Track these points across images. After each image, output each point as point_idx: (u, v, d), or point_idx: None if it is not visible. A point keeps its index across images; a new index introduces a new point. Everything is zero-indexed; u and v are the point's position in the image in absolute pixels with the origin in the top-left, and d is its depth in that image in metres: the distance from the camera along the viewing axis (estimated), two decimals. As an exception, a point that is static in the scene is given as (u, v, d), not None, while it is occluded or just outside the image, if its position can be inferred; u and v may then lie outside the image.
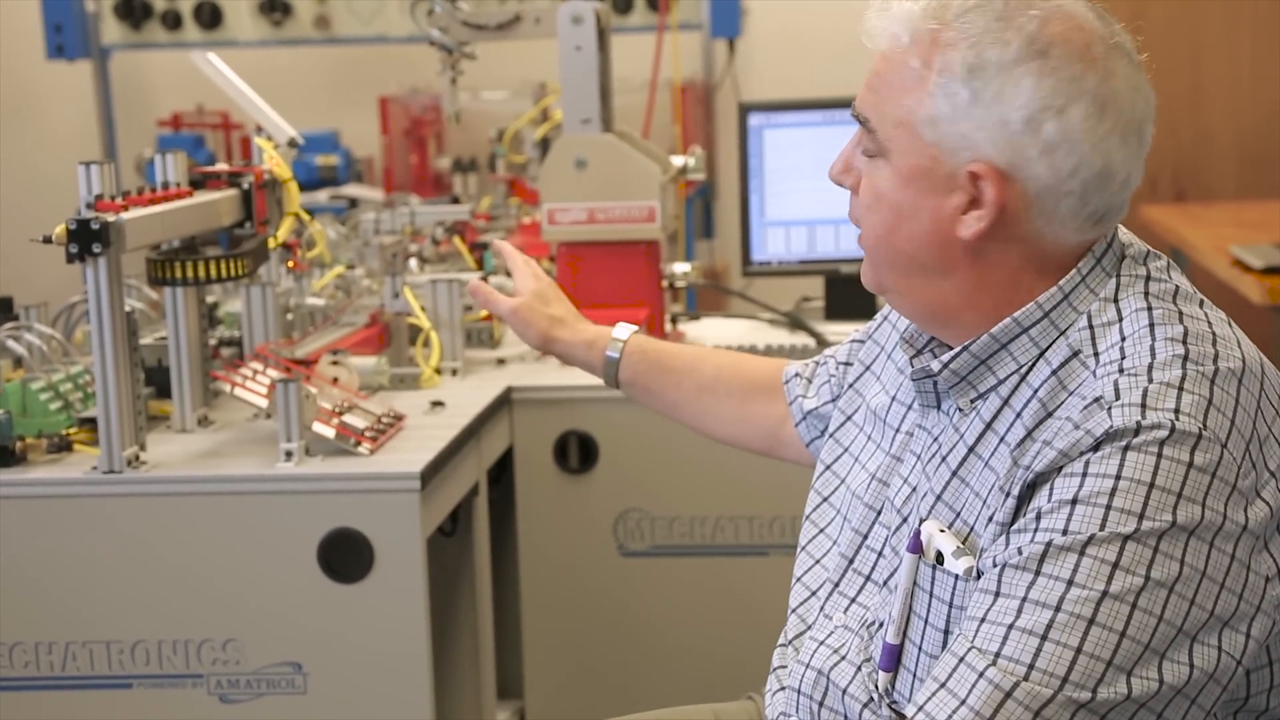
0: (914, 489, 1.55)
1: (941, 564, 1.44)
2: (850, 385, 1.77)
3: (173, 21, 4.55)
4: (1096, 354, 1.42)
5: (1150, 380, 1.36)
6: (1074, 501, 1.32)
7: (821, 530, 1.71)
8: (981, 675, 1.31)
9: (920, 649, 1.47)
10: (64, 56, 4.61)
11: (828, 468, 1.73)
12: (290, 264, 2.73)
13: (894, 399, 1.67)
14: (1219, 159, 5.07)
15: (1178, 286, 1.48)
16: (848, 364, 1.84)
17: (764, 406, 1.96)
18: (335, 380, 2.50)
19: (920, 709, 1.34)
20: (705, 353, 2.04)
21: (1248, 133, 5.05)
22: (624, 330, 2.02)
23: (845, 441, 1.73)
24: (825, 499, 1.72)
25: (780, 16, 4.93)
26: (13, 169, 5.06)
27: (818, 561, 1.69)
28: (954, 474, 1.48)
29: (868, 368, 1.76)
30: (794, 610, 1.67)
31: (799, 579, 1.69)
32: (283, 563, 2.21)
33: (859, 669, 1.54)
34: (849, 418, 1.75)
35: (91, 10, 4.58)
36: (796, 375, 1.93)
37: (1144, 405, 1.34)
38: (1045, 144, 1.41)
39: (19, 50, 4.93)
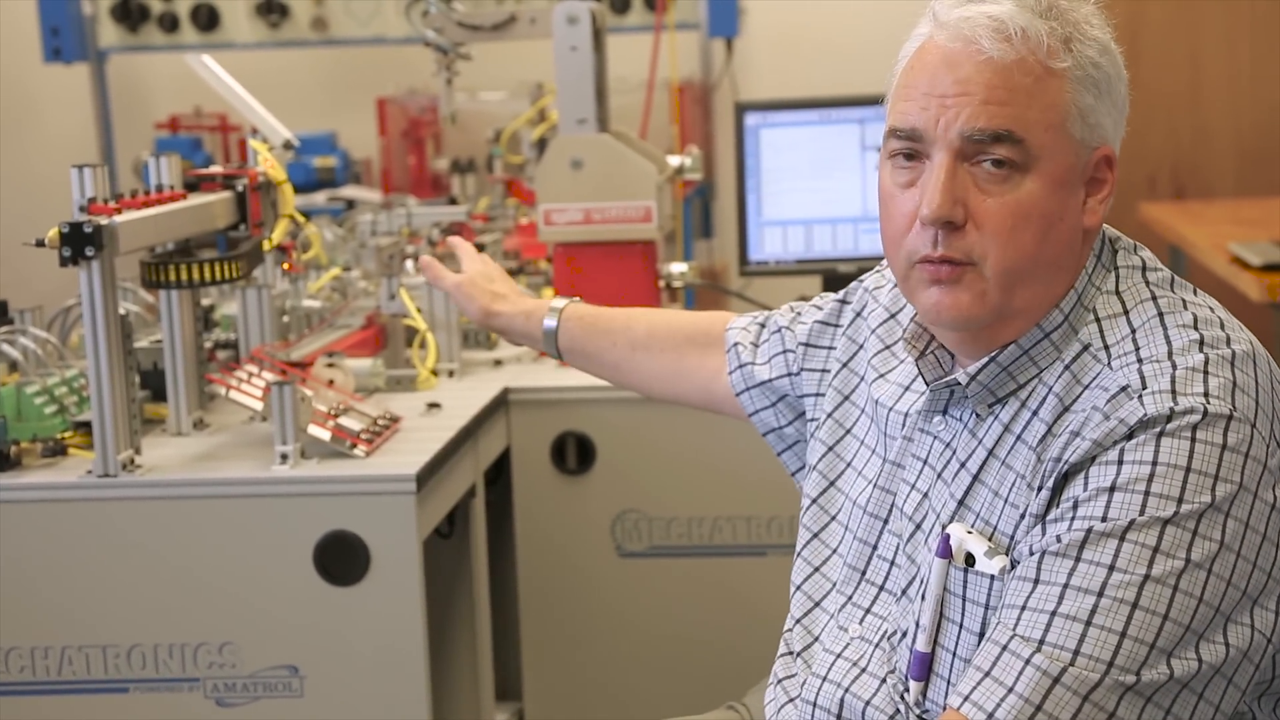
0: (925, 495, 1.54)
1: (972, 566, 1.45)
2: (834, 387, 1.74)
3: (170, 24, 4.54)
4: (1107, 346, 1.44)
5: (1174, 366, 1.38)
6: (1112, 489, 1.34)
7: (816, 534, 1.69)
8: (1028, 662, 1.32)
9: (954, 655, 1.47)
10: (61, 59, 4.60)
11: (824, 477, 1.71)
12: (285, 266, 2.73)
13: (878, 403, 1.65)
14: (1218, 157, 5.06)
15: (1173, 275, 1.51)
16: (810, 345, 1.79)
17: (698, 360, 1.93)
18: (331, 382, 2.49)
19: (966, 699, 1.34)
20: (638, 311, 2.03)
21: (1246, 130, 5.04)
22: (561, 300, 2.03)
23: (838, 446, 1.71)
24: (823, 508, 1.69)
25: (778, 16, 4.92)
26: (10, 172, 5.05)
27: (816, 569, 1.67)
28: (975, 478, 1.48)
29: (845, 365, 1.73)
30: (798, 620, 1.66)
31: (798, 587, 1.68)
32: (279, 566, 2.21)
33: (883, 681, 1.53)
34: (831, 415, 1.72)
35: (88, 13, 4.58)
36: (737, 345, 1.88)
37: (1174, 391, 1.36)
38: (1124, 119, 1.48)
39: (16, 53, 4.92)
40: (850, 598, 1.61)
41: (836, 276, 3.18)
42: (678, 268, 2.97)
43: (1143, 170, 5.02)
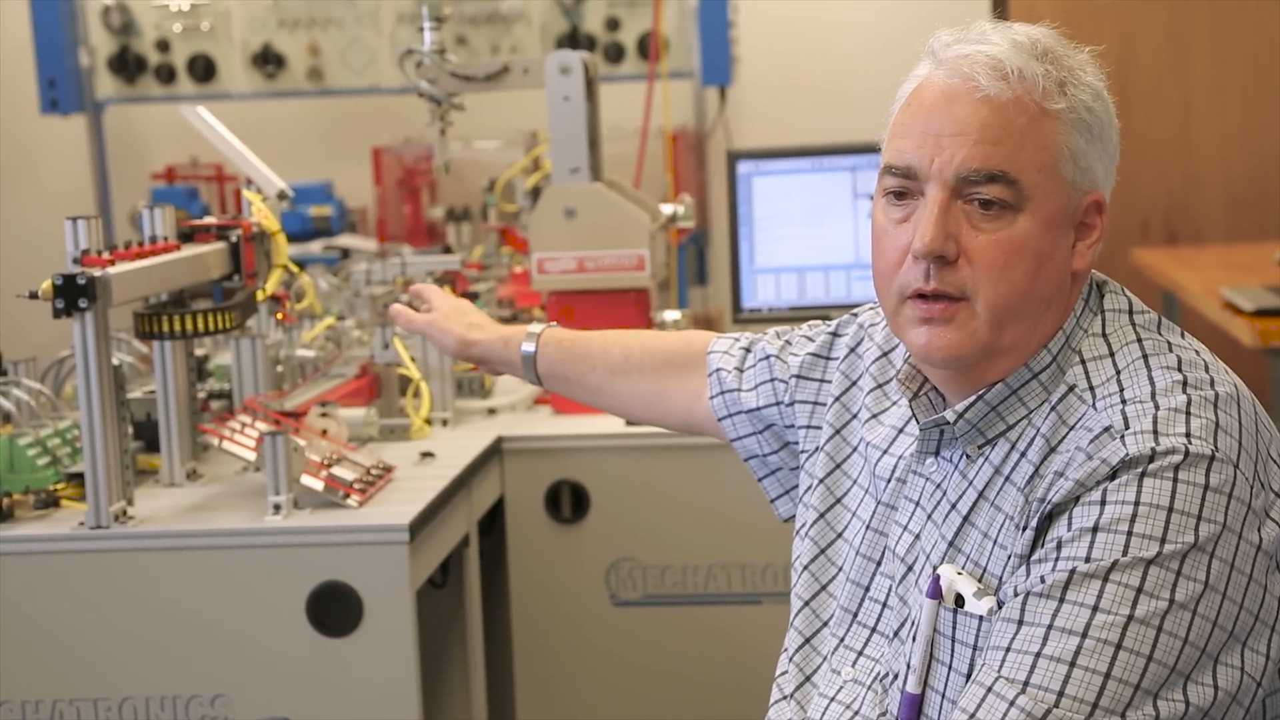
0: (917, 536, 1.54)
1: (962, 607, 1.45)
2: (827, 422, 1.74)
3: (166, 75, 4.57)
4: (1092, 388, 1.44)
5: (1157, 407, 1.38)
6: (1095, 529, 1.34)
7: (806, 567, 1.68)
8: (1012, 704, 1.32)
9: (944, 696, 1.47)
10: (58, 111, 4.63)
11: (820, 515, 1.71)
12: (279, 316, 2.73)
13: (868, 443, 1.66)
14: (1209, 202, 5.09)
15: (1160, 318, 1.52)
16: (802, 378, 1.78)
17: (678, 382, 1.92)
18: (324, 432, 2.49)
19: None
20: (615, 334, 2.01)
21: (1237, 176, 5.06)
22: (538, 325, 2.01)
23: (829, 480, 1.71)
24: (815, 541, 1.69)
25: (771, 65, 4.95)
26: (7, 223, 5.07)
27: (806, 603, 1.67)
28: (965, 519, 1.48)
29: (838, 399, 1.73)
30: (791, 658, 1.66)
31: (791, 624, 1.68)
32: (271, 617, 2.20)
33: None
34: (823, 450, 1.71)
35: (85, 65, 4.61)
36: (720, 370, 1.87)
37: (1156, 431, 1.36)
38: (1115, 167, 1.49)
39: (13, 105, 4.95)
40: (843, 640, 1.61)
41: (830, 323, 3.19)
42: (671, 315, 2.98)
43: (1135, 216, 5.03)
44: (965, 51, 1.45)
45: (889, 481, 1.61)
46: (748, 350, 1.86)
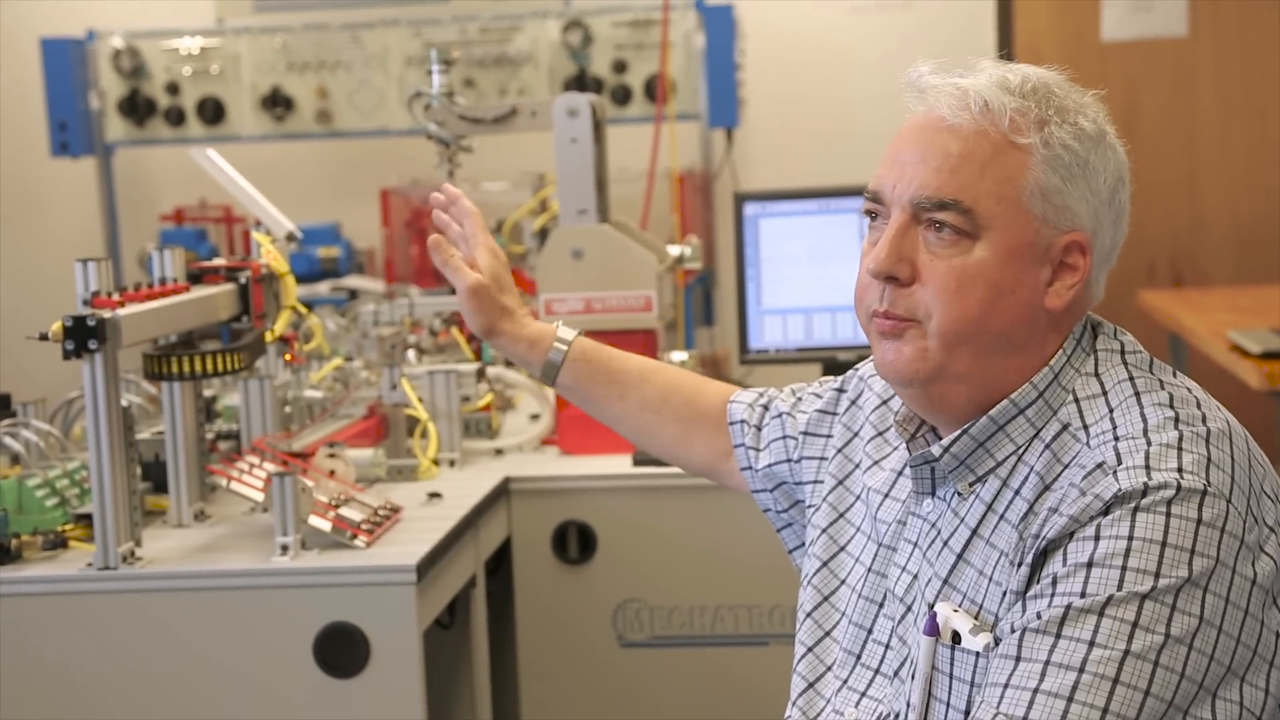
0: (914, 576, 1.55)
1: (958, 643, 1.45)
2: (830, 474, 1.75)
3: (176, 118, 4.60)
4: (1086, 426, 1.45)
5: (1149, 443, 1.39)
6: (1089, 565, 1.35)
7: (809, 614, 1.69)
8: None
9: None
10: (68, 154, 4.65)
11: (823, 564, 1.72)
12: (288, 357, 2.74)
13: (869, 488, 1.66)
14: (1215, 245, 5.09)
15: (1151, 358, 1.53)
16: (809, 434, 1.80)
17: (708, 438, 1.91)
18: (332, 473, 2.50)
19: None
20: (652, 368, 1.96)
21: (1243, 218, 5.07)
22: (569, 332, 1.94)
23: (832, 529, 1.72)
24: (818, 589, 1.70)
25: (778, 107, 4.97)
26: (17, 265, 5.09)
27: (810, 650, 1.68)
28: (959, 557, 1.49)
29: (840, 450, 1.75)
30: (794, 703, 1.66)
31: (795, 669, 1.69)
32: (279, 657, 2.20)
33: None
34: (826, 500, 1.73)
35: (96, 108, 4.64)
36: (743, 422, 1.87)
37: (1148, 467, 1.37)
38: (1115, 214, 1.49)
39: (24, 148, 4.97)
40: (846, 681, 1.62)
41: (836, 364, 3.19)
42: (678, 356, 2.98)
43: (1141, 258, 5.04)
44: (937, 83, 1.49)
45: (889, 525, 1.62)
46: (765, 408, 1.88)
